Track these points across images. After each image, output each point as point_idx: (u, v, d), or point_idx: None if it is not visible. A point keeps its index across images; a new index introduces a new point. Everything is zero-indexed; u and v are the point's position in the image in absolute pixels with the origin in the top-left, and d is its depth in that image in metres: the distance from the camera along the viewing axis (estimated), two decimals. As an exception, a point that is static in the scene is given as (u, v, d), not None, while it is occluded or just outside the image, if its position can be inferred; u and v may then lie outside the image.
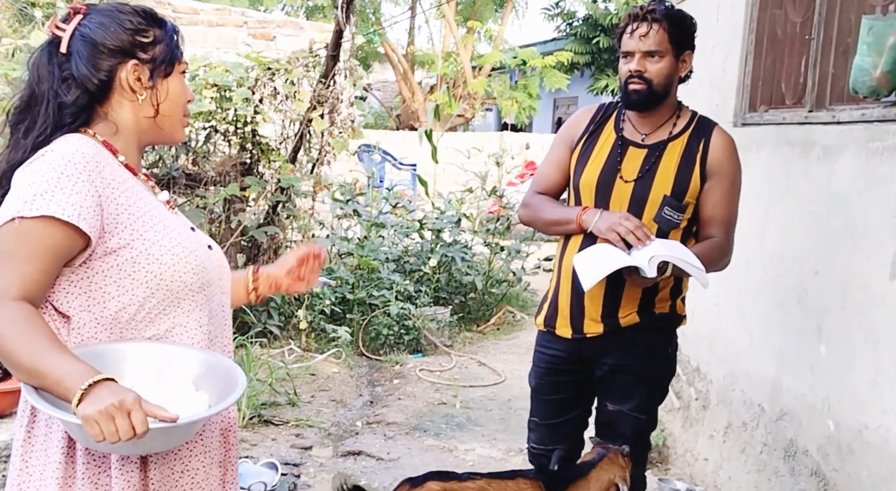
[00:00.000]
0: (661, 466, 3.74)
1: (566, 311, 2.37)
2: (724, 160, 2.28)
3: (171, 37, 1.51)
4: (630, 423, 2.41)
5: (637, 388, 2.38)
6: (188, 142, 5.74)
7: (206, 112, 5.61)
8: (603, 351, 2.36)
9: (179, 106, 1.52)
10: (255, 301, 1.76)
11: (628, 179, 2.27)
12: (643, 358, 2.36)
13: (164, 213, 1.47)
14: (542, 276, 7.96)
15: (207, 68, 5.73)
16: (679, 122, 2.32)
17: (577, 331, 2.36)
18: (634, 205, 2.25)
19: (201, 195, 5.60)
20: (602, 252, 2.15)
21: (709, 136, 2.29)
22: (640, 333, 2.32)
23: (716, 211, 2.28)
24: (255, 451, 3.91)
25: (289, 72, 5.95)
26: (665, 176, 2.25)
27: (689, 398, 3.60)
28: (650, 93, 2.23)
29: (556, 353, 2.44)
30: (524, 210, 2.48)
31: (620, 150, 2.30)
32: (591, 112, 2.43)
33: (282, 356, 5.30)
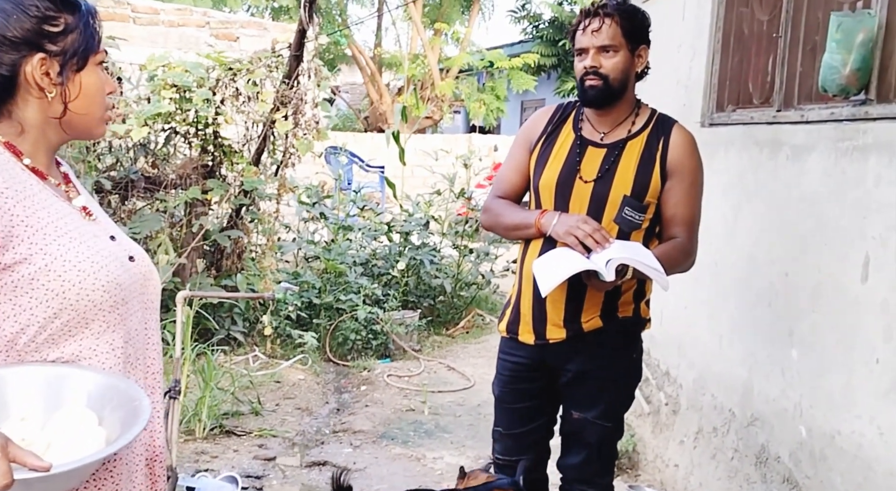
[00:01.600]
0: (631, 473, 3.69)
1: (528, 316, 2.32)
2: (685, 158, 2.24)
3: (87, 23, 1.33)
4: (596, 431, 2.35)
5: (602, 394, 2.33)
6: (147, 144, 5.60)
7: (166, 113, 5.46)
8: (566, 357, 2.31)
9: (96, 102, 1.36)
10: None
11: (588, 180, 2.23)
12: (607, 363, 2.31)
13: (76, 223, 1.32)
14: (511, 278, 7.89)
15: (166, 68, 5.59)
16: (638, 120, 2.28)
17: (540, 337, 2.30)
18: (594, 205, 2.21)
19: (161, 199, 5.46)
20: (561, 256, 2.11)
21: (668, 134, 2.25)
22: (604, 337, 2.27)
23: (677, 210, 2.25)
24: (216, 463, 3.79)
25: (251, 72, 5.83)
26: (625, 176, 2.21)
27: (658, 403, 3.55)
28: (607, 88, 2.20)
29: (519, 359, 2.38)
30: (485, 215, 2.43)
31: (579, 151, 2.27)
32: (549, 113, 2.39)
33: (246, 363, 5.17)
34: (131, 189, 5.48)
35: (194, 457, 3.84)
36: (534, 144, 2.35)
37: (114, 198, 5.48)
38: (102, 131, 1.39)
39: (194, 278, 5.40)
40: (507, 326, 2.39)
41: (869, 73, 2.20)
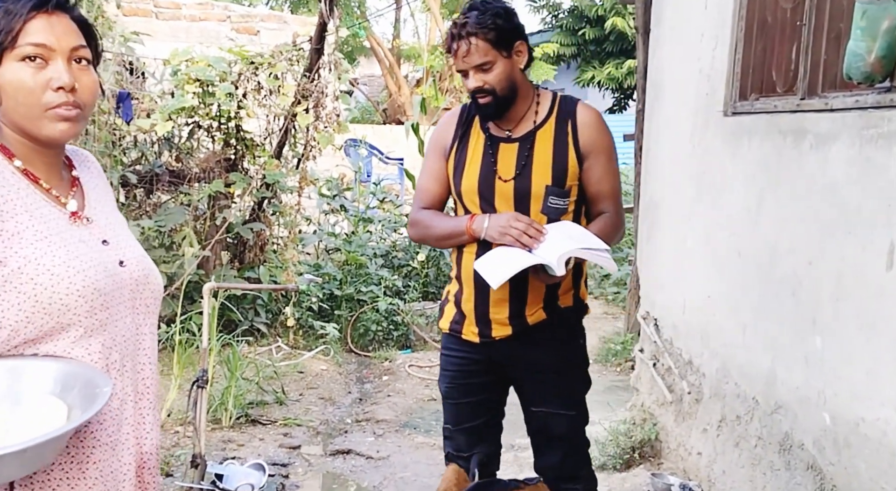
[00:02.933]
0: (654, 461, 3.70)
1: (472, 315, 2.31)
2: (596, 136, 2.26)
3: (6, 17, 1.27)
4: (561, 422, 2.35)
5: (558, 384, 2.33)
6: (171, 138, 5.66)
7: (189, 107, 5.52)
8: (513, 352, 2.30)
9: (20, 100, 1.27)
10: None
11: (506, 178, 2.23)
12: (556, 354, 2.31)
13: (60, 227, 1.30)
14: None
15: (189, 63, 5.64)
16: (540, 109, 2.28)
17: (485, 335, 2.29)
18: (519, 202, 2.22)
19: (185, 192, 5.53)
20: (503, 254, 2.11)
21: (574, 116, 2.26)
22: (549, 329, 2.28)
23: (601, 186, 2.27)
24: (243, 451, 3.85)
25: (272, 66, 5.88)
26: (542, 166, 2.22)
27: (681, 392, 3.56)
28: (498, 100, 2.21)
29: (464, 355, 2.37)
30: (413, 229, 2.40)
31: (491, 150, 2.26)
32: (456, 116, 2.37)
33: (269, 354, 5.23)
34: (156, 183, 5.55)
35: (221, 445, 3.90)
36: (448, 151, 2.34)
37: (139, 191, 5.56)
38: (52, 131, 1.28)
39: (218, 270, 5.47)
40: (450, 325, 2.37)
41: (894, 60, 2.19)
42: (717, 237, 3.31)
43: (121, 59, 5.82)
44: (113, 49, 5.83)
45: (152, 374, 1.44)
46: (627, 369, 5.33)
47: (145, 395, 1.42)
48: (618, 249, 8.03)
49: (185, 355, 4.37)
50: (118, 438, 1.35)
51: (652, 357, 3.90)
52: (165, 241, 5.44)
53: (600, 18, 14.45)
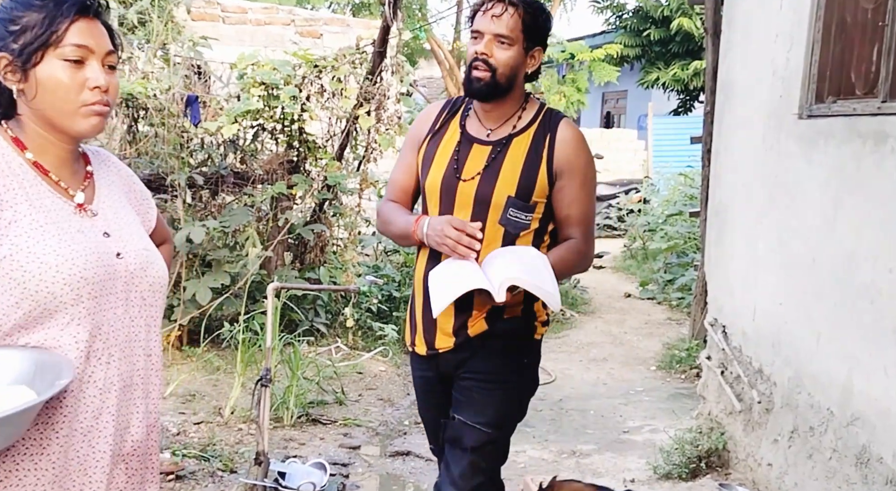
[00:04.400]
0: (721, 471, 3.61)
1: (420, 326, 2.21)
2: (573, 156, 2.10)
3: (51, 19, 1.35)
4: (474, 436, 2.14)
5: (486, 399, 2.14)
6: (236, 140, 5.76)
7: (254, 110, 5.61)
8: (457, 364, 2.18)
9: (59, 97, 1.36)
10: None
11: (467, 178, 2.10)
12: (495, 367, 2.15)
13: (59, 218, 1.37)
14: (593, 273, 7.83)
15: (255, 67, 5.73)
16: (524, 115, 2.15)
17: (430, 346, 2.20)
18: (478, 207, 2.08)
19: (249, 194, 5.61)
20: (454, 269, 2.00)
21: (554, 131, 2.11)
22: (491, 341, 2.14)
23: (571, 210, 2.12)
24: (304, 450, 3.88)
25: (336, 69, 5.93)
26: (509, 175, 2.07)
27: (750, 401, 3.46)
28: (493, 82, 2.07)
29: (423, 373, 2.29)
30: (378, 221, 2.30)
31: (459, 149, 2.14)
32: (438, 108, 2.25)
33: (329, 354, 5.27)
34: (221, 184, 5.64)
35: (283, 443, 3.94)
36: (420, 144, 2.22)
37: (205, 193, 5.67)
38: (85, 127, 1.38)
39: (280, 271, 5.54)
40: (410, 339, 2.28)
41: None
42: (790, 243, 3.20)
43: (189, 63, 5.95)
44: (182, 53, 5.97)
45: (148, 365, 1.47)
46: (692, 377, 5.22)
47: (138, 385, 1.45)
48: (683, 254, 7.88)
49: (249, 354, 4.43)
50: (94, 425, 1.38)
51: (720, 365, 3.80)
52: (229, 241, 5.53)
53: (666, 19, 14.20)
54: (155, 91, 5.42)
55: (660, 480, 3.63)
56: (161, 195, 5.24)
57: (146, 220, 1.60)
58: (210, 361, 4.91)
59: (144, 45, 6.09)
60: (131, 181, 1.60)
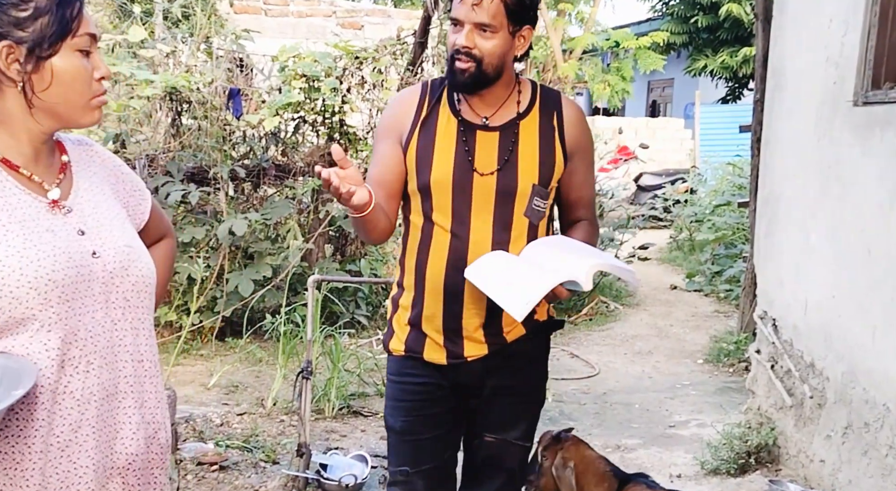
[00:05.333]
0: (771, 467, 3.51)
1: (437, 333, 1.94)
2: (581, 135, 1.99)
3: (62, 5, 1.25)
4: (516, 454, 2.02)
5: (523, 411, 2.03)
6: (277, 133, 5.78)
7: (295, 103, 5.62)
8: (486, 374, 1.97)
9: (74, 90, 1.28)
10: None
11: (485, 172, 1.89)
12: (527, 375, 2.02)
13: (29, 216, 1.26)
14: (638, 265, 7.69)
15: (296, 59, 5.74)
16: (522, 96, 1.96)
17: (455, 355, 1.94)
18: (501, 200, 1.89)
19: (290, 186, 5.63)
20: (502, 263, 1.81)
21: (560, 110, 1.97)
22: (526, 346, 1.98)
23: (583, 192, 2.01)
24: (345, 442, 3.88)
25: (376, 60, 5.91)
26: (529, 162, 1.91)
27: (802, 396, 3.35)
28: (479, 73, 1.86)
29: (426, 380, 1.99)
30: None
31: (466, 138, 1.91)
32: (416, 95, 1.98)
33: (370, 347, 5.27)
34: (263, 176, 5.67)
35: (324, 435, 3.94)
36: (407, 137, 1.93)
37: (247, 185, 5.70)
38: (91, 119, 1.31)
39: (321, 263, 5.55)
40: (406, 345, 1.99)
41: None
42: (844, 234, 3.08)
43: (232, 56, 5.99)
44: (225, 46, 6.01)
45: (139, 371, 1.35)
46: (741, 370, 5.09)
47: (126, 394, 1.34)
48: (731, 245, 7.71)
49: (290, 346, 4.45)
50: (73, 439, 1.27)
51: (770, 358, 3.70)
52: (271, 233, 5.56)
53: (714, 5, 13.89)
54: (198, 84, 5.46)
55: (707, 475, 3.55)
56: (204, 188, 5.28)
57: (137, 213, 1.48)
58: (252, 352, 4.95)
59: (188, 38, 6.14)
60: (119, 171, 1.47)
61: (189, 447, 3.59)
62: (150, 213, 1.51)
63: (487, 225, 1.89)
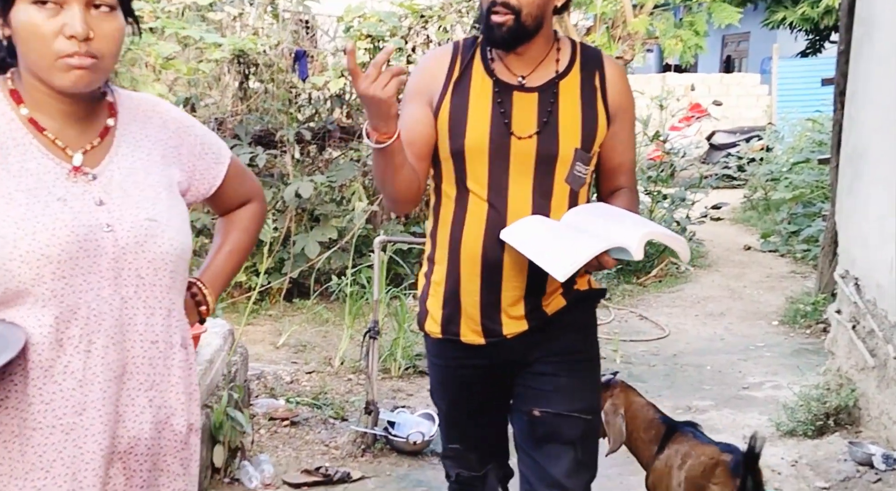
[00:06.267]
0: (851, 429, 3.42)
1: (473, 310, 1.82)
2: (624, 95, 1.87)
3: None
4: (575, 427, 1.87)
5: (577, 382, 1.89)
6: (342, 94, 5.77)
7: (360, 64, 5.59)
8: (528, 349, 1.86)
9: (32, 47, 1.15)
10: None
11: (523, 136, 1.77)
12: (572, 345, 1.90)
13: (41, 183, 1.18)
14: (710, 225, 7.50)
15: (361, 19, 5.71)
16: (562, 54, 1.83)
17: (493, 334, 1.84)
18: (542, 167, 1.78)
19: (355, 148, 5.63)
20: (543, 226, 1.71)
21: (602, 69, 1.84)
22: (568, 316, 1.87)
23: (625, 157, 1.89)
24: (412, 401, 3.91)
25: (442, 19, 5.83)
26: (570, 124, 1.79)
27: (885, 356, 3.22)
28: (518, 27, 1.72)
29: (468, 362, 1.90)
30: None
31: (501, 99, 1.79)
32: (447, 54, 1.85)
33: (437, 307, 5.27)
34: (328, 139, 5.70)
35: (391, 394, 3.98)
36: (439, 99, 1.81)
37: (312, 148, 5.73)
38: (63, 82, 1.16)
39: (386, 225, 5.56)
40: (442, 326, 1.87)
41: None
42: (934, 186, 2.91)
43: (298, 17, 6.00)
44: (291, 8, 6.01)
45: (153, 353, 1.25)
46: (818, 331, 4.93)
47: (133, 375, 1.23)
48: (809, 204, 7.43)
49: (356, 307, 4.49)
50: (78, 422, 1.19)
51: (851, 319, 3.56)
52: (336, 196, 5.59)
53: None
54: (265, 47, 5.49)
55: (783, 437, 3.47)
56: (271, 150, 5.33)
57: (206, 177, 1.38)
58: (319, 313, 5.01)
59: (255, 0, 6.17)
60: (186, 133, 1.36)
61: (261, 403, 3.68)
62: (227, 177, 1.40)
63: (526, 192, 1.78)
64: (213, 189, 1.40)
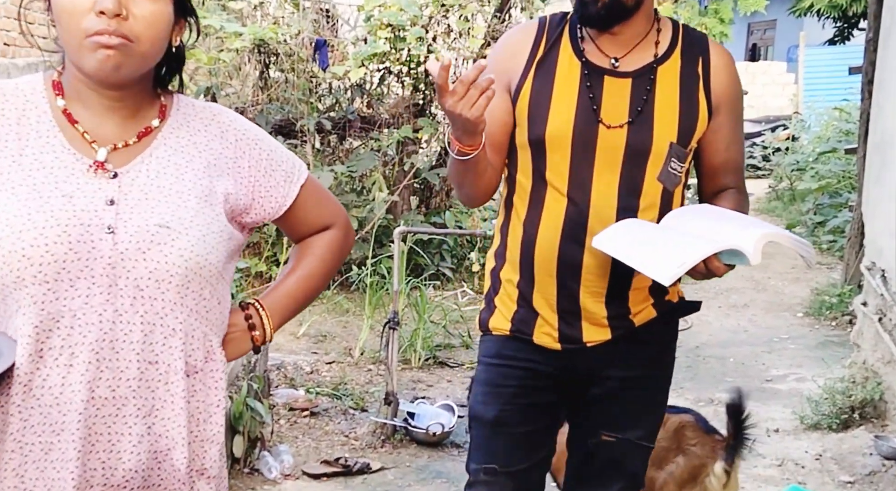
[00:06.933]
0: (877, 422, 3.36)
1: (550, 313, 1.65)
2: (731, 86, 1.67)
3: None
4: (640, 456, 1.75)
5: (649, 407, 1.76)
6: (363, 84, 5.76)
7: (381, 53, 5.59)
8: (608, 362, 1.68)
9: (65, 25, 1.07)
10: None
11: (613, 125, 1.59)
12: (657, 365, 1.75)
13: (50, 178, 1.09)
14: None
15: (382, 8, 5.68)
16: (661, 36, 1.64)
17: (572, 340, 1.65)
18: (631, 161, 1.59)
19: (375, 138, 5.63)
20: (641, 230, 1.54)
21: (707, 55, 1.66)
22: (655, 330, 1.70)
23: (730, 154, 1.68)
24: (431, 392, 3.90)
25: (463, 7, 5.80)
26: (667, 116, 1.61)
27: (912, 351, 3.16)
28: (614, 3, 1.55)
29: (534, 366, 1.70)
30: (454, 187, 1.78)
31: (590, 83, 1.60)
32: (532, 32, 1.67)
33: (455, 299, 5.26)
34: (348, 129, 5.69)
35: (411, 384, 3.97)
36: (519, 81, 1.64)
37: (333, 138, 5.73)
38: (89, 64, 1.08)
39: (406, 215, 5.55)
40: (513, 324, 1.69)
41: None
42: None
43: (318, 6, 5.99)
44: (312, -3, 6.00)
45: (149, 375, 1.11)
46: (844, 324, 4.87)
47: (129, 400, 1.10)
48: (836, 194, 7.32)
49: (376, 297, 4.48)
50: (54, 443, 1.07)
51: (877, 311, 3.49)
52: (356, 186, 5.59)
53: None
54: (285, 36, 5.49)
55: (807, 430, 3.44)
56: (291, 140, 5.33)
57: (271, 196, 1.24)
58: (339, 303, 5.02)
59: (275, -10, 6.17)
60: (248, 146, 1.23)
61: (281, 393, 3.69)
62: (300, 198, 1.27)
63: (612, 189, 1.59)
64: (281, 209, 1.26)
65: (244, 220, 1.23)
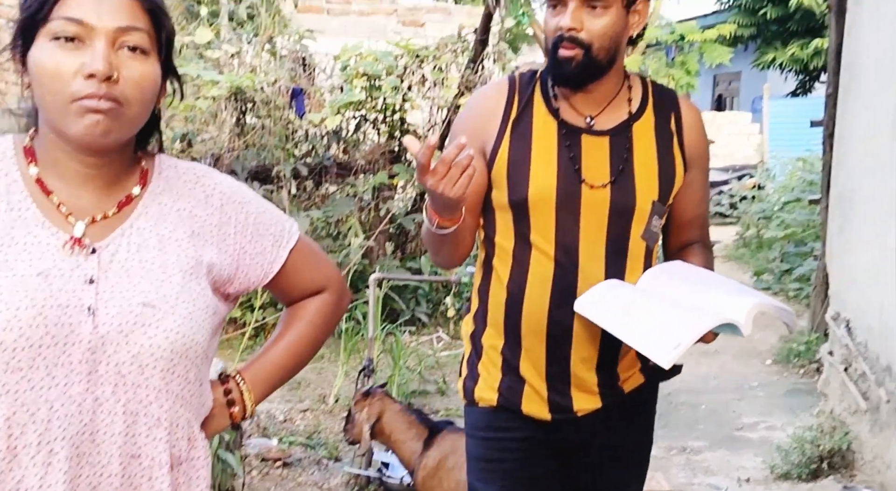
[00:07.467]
0: (845, 473, 3.39)
1: (539, 378, 1.60)
2: (700, 142, 1.68)
3: None
4: None
5: (637, 474, 1.75)
6: (339, 131, 5.84)
7: (357, 101, 5.68)
8: (595, 431, 1.64)
9: (48, 88, 0.99)
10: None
11: (596, 184, 1.56)
12: (642, 431, 1.72)
13: (22, 256, 0.99)
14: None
15: (358, 58, 5.79)
16: (633, 93, 1.64)
17: (562, 409, 1.60)
18: (616, 221, 1.57)
19: (351, 184, 5.68)
20: (625, 296, 1.50)
21: (678, 111, 1.66)
22: (643, 396, 1.67)
23: (699, 210, 1.70)
24: (406, 440, 3.88)
25: (437, 58, 5.94)
26: (647, 174, 1.59)
27: (878, 400, 3.22)
28: (588, 62, 1.52)
29: (524, 435, 1.64)
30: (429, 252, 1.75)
31: (569, 143, 1.58)
32: (502, 92, 1.63)
33: (430, 344, 5.27)
34: (324, 174, 5.75)
35: (385, 433, 3.95)
36: (495, 143, 1.60)
37: (309, 183, 5.78)
38: (76, 128, 0.99)
39: (382, 260, 5.58)
40: (500, 394, 1.62)
41: None
42: (924, 230, 2.95)
43: (295, 55, 6.08)
44: (288, 46, 6.09)
45: (131, 470, 1.02)
46: (812, 372, 4.94)
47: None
48: (801, 243, 7.48)
49: (352, 343, 4.48)
50: None
51: (843, 361, 3.56)
52: (332, 231, 5.62)
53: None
54: (262, 84, 5.56)
55: (777, 480, 3.45)
56: (267, 186, 5.37)
57: (257, 263, 1.17)
58: (315, 349, 5.00)
59: (253, 38, 6.25)
60: (233, 210, 1.15)
61: (254, 443, 3.65)
62: (289, 262, 1.19)
63: (599, 250, 1.57)
64: (268, 277, 1.18)
65: (228, 290, 1.15)
